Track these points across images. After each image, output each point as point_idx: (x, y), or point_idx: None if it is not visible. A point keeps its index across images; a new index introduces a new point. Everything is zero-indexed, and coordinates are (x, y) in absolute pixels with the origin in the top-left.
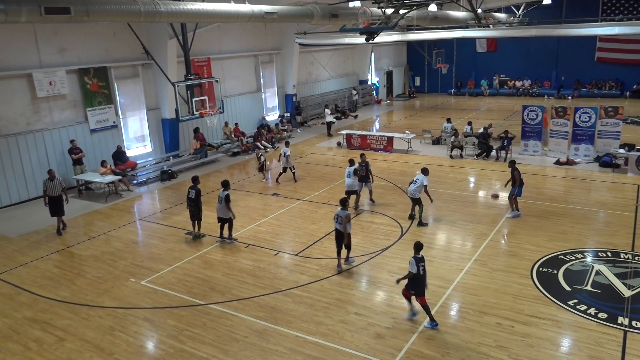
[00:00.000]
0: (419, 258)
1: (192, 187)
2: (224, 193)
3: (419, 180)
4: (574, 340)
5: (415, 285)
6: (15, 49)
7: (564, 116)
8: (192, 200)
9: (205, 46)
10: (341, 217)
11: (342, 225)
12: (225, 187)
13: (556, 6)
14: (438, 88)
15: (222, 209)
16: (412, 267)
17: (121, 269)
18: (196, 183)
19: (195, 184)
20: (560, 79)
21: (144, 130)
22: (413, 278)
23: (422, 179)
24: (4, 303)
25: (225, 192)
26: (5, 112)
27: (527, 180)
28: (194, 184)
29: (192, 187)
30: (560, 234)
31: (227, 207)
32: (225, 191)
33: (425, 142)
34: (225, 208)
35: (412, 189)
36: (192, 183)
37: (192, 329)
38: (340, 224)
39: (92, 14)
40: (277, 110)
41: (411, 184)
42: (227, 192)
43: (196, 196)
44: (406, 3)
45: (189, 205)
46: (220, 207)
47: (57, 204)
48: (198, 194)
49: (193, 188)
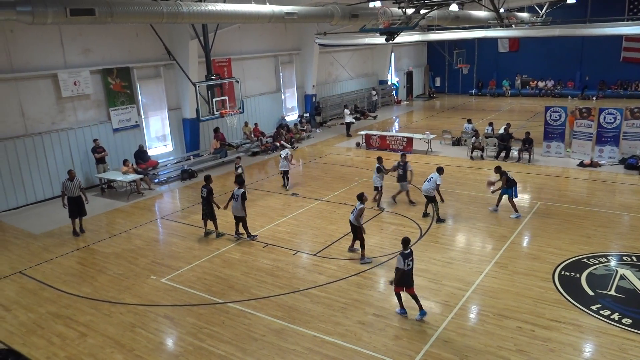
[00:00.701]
0: (407, 254)
1: (204, 186)
2: (240, 191)
3: (433, 178)
4: (596, 345)
5: (404, 280)
6: (42, 50)
7: (588, 117)
8: (204, 199)
9: (226, 47)
10: (356, 209)
11: (354, 216)
12: (241, 185)
13: (581, 5)
14: (459, 88)
15: (237, 207)
16: (399, 262)
17: (142, 267)
18: (208, 182)
19: (207, 182)
20: (584, 80)
21: (165, 129)
22: (402, 273)
23: (437, 177)
24: (28, 298)
25: (241, 189)
26: (32, 112)
27: (548, 183)
28: (206, 183)
29: (204, 186)
30: (584, 237)
31: (243, 206)
32: (241, 189)
33: (446, 143)
34: (240, 206)
35: (426, 187)
36: (205, 182)
37: (210, 327)
38: (353, 215)
39: (116, 15)
40: (296, 111)
41: (425, 182)
42: (243, 190)
43: (207, 195)
44: (427, 3)
45: (202, 204)
46: (235, 205)
47: (78, 205)
48: (210, 192)
49: (205, 187)
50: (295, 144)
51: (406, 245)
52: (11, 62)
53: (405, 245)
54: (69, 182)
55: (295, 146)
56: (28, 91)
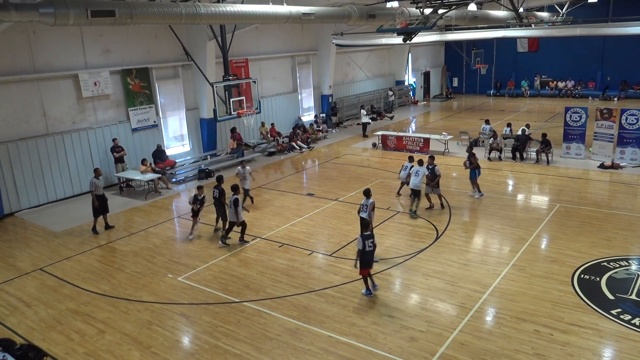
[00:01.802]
0: (366, 235)
1: (216, 187)
2: (233, 197)
3: (420, 172)
4: (616, 351)
5: (366, 261)
6: (63, 51)
7: (610, 118)
8: (216, 199)
9: (243, 47)
10: (366, 205)
11: (367, 213)
12: (235, 191)
13: (602, 4)
14: (477, 89)
15: (231, 213)
16: (359, 244)
17: (159, 265)
18: (220, 183)
19: (219, 183)
20: (605, 80)
21: (183, 129)
22: (363, 255)
23: (423, 170)
24: (49, 295)
25: (235, 196)
26: (53, 111)
27: (568, 184)
28: (218, 183)
29: (216, 187)
30: (604, 240)
31: (236, 212)
32: (235, 195)
33: (463, 144)
34: (233, 212)
35: (415, 182)
36: (217, 183)
37: (226, 326)
38: (365, 212)
39: (136, 16)
40: (312, 111)
41: (413, 176)
42: (236, 197)
43: (219, 196)
44: (445, 3)
45: (214, 205)
46: (230, 211)
47: (105, 202)
48: (222, 193)
49: (217, 188)
50: (312, 144)
51: (365, 228)
52: (34, 63)
53: (364, 228)
54: (98, 180)
55: (311, 146)
56: (50, 91)
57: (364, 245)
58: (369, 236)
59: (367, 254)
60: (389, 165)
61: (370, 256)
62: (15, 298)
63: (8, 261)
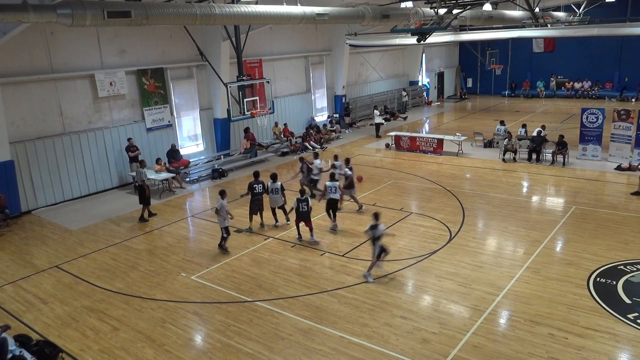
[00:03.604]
0: (299, 199)
1: (256, 182)
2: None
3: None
4: (633, 355)
5: (301, 217)
6: (80, 51)
7: (627, 119)
8: (259, 194)
9: (257, 47)
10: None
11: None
12: (222, 195)
13: (620, 3)
14: (491, 90)
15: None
16: (294, 204)
17: (173, 264)
18: (257, 177)
19: (257, 177)
20: (623, 80)
21: (197, 129)
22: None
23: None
24: (64, 292)
25: (222, 200)
26: (70, 111)
27: (585, 186)
28: (256, 178)
29: (256, 182)
30: (621, 243)
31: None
32: (222, 200)
33: (477, 145)
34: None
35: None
36: (254, 178)
37: (238, 325)
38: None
39: (151, 17)
40: (326, 111)
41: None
42: (223, 202)
43: (264, 190)
44: (459, 3)
45: (256, 200)
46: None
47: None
48: (265, 187)
49: (259, 182)
50: (325, 145)
51: (300, 194)
52: (51, 63)
53: (302, 194)
54: (143, 171)
55: (324, 147)
56: (66, 91)
57: (298, 206)
58: (304, 200)
59: (301, 213)
60: (402, 165)
61: (304, 214)
62: (31, 295)
63: (25, 258)
